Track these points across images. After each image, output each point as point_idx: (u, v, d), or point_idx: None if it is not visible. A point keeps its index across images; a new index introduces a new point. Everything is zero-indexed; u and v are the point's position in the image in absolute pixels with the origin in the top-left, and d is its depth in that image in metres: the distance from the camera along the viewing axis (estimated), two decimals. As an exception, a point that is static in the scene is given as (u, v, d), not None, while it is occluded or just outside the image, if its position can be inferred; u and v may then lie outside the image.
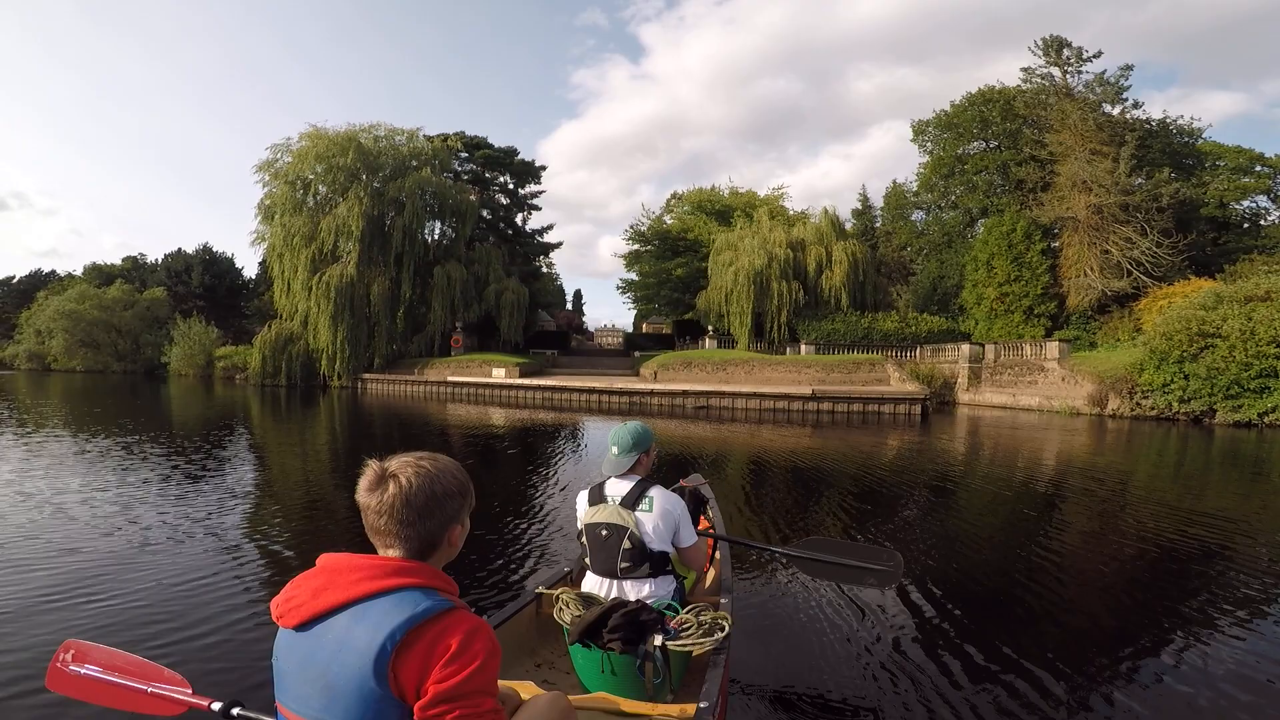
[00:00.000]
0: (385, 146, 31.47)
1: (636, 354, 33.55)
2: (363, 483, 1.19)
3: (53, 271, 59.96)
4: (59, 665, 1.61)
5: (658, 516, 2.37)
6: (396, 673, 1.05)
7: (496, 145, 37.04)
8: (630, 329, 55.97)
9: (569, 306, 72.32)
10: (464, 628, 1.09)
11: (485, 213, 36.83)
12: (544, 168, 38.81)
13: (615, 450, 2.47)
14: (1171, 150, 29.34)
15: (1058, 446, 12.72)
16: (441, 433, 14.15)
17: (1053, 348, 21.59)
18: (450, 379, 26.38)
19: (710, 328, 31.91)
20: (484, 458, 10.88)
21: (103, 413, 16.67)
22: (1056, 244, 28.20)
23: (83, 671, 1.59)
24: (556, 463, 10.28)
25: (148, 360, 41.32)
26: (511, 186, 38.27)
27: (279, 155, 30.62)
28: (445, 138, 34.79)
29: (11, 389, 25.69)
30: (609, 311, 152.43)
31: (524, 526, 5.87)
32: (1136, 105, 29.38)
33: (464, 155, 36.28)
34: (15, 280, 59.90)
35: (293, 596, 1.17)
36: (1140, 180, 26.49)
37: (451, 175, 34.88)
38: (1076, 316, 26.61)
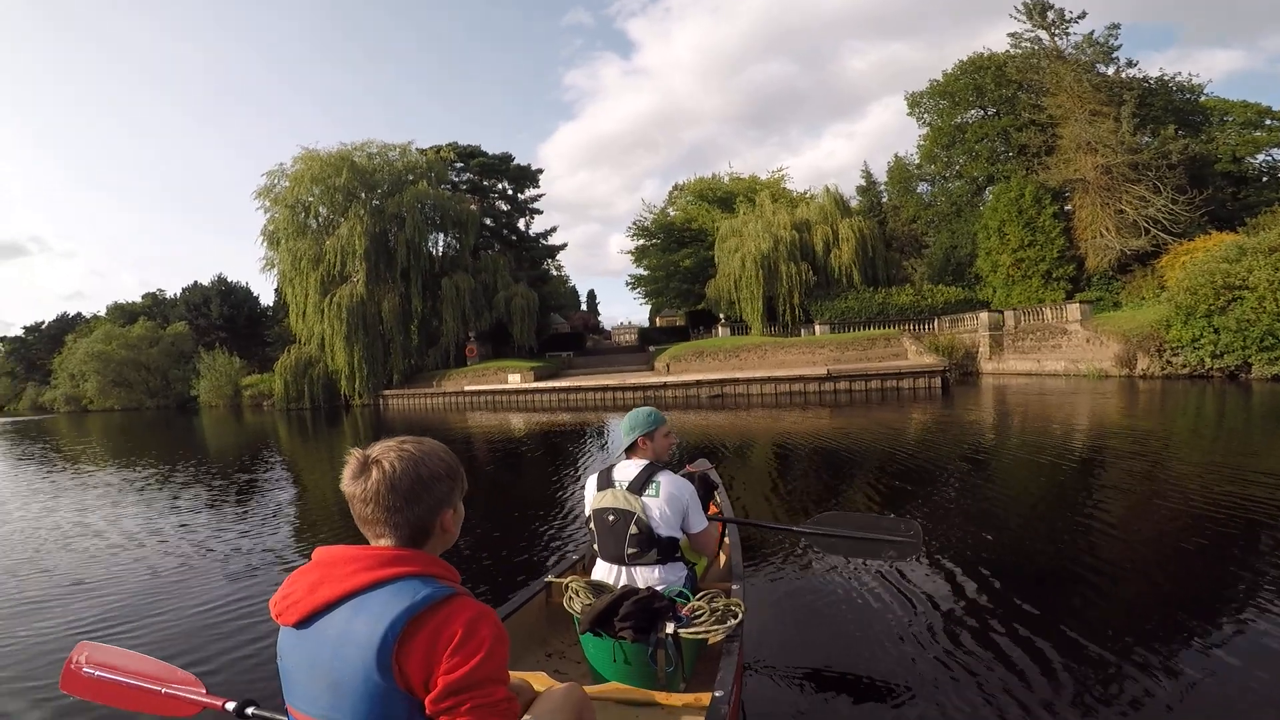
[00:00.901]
0: (379, 163, 31.69)
1: (651, 348, 33.50)
2: (346, 472, 1.16)
3: (78, 314, 61.39)
4: (73, 667, 1.62)
5: (664, 501, 2.36)
6: (401, 664, 1.01)
7: (491, 153, 37.16)
8: (646, 324, 55.98)
9: (583, 308, 72.30)
10: (467, 615, 1.05)
11: (487, 221, 37.00)
12: (541, 171, 38.94)
13: (621, 434, 2.58)
14: (1174, 108, 28.51)
15: (1089, 410, 12.40)
16: (464, 441, 14.26)
17: (1074, 310, 21.12)
18: (468, 389, 26.57)
19: (722, 315, 31.73)
20: (505, 461, 11.00)
21: (136, 446, 17.11)
22: (1068, 207, 27.55)
23: (96, 673, 1.59)
24: (574, 460, 10.33)
25: (179, 395, 42.12)
26: (510, 192, 38.41)
27: (276, 181, 30.94)
28: (438, 149, 34.97)
29: (54, 431, 26.49)
30: (624, 309, 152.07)
31: (544, 524, 5.89)
32: (1131, 64, 28.57)
33: (459, 165, 36.39)
34: (45, 325, 61.60)
35: (290, 593, 1.13)
36: (1146, 139, 25.84)
37: (449, 186, 35.04)
38: (1098, 278, 25.97)
